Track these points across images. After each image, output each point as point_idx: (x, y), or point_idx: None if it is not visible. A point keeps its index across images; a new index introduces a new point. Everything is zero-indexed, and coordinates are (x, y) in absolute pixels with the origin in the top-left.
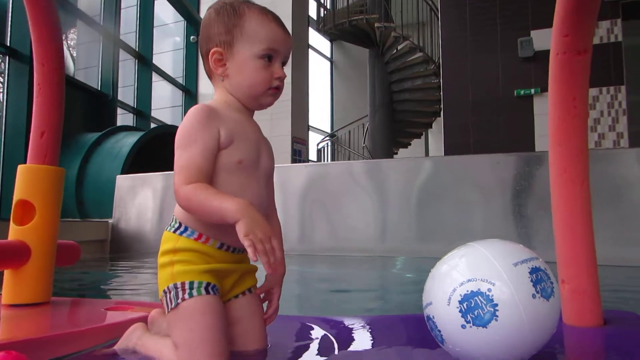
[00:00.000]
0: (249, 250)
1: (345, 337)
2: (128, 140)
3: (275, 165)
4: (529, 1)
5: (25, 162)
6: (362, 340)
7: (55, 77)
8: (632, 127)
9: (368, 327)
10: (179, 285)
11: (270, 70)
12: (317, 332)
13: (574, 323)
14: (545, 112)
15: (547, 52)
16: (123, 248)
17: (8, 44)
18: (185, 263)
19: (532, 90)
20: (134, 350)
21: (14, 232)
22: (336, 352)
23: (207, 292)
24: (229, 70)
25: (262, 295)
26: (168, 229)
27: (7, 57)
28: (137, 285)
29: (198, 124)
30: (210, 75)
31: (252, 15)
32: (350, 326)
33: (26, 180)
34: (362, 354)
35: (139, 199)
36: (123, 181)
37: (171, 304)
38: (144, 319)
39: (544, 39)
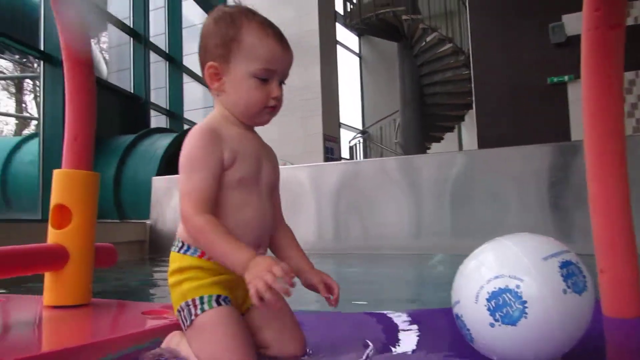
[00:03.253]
0: (253, 300)
1: (389, 332)
2: (162, 142)
3: (311, 164)
4: None
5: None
6: (406, 336)
7: (86, 82)
8: None
9: (410, 321)
10: (190, 303)
11: (267, 89)
12: (359, 329)
13: (613, 314)
14: (581, 99)
15: (579, 37)
16: (161, 248)
17: (42, 49)
18: (192, 280)
19: (566, 78)
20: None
21: (53, 236)
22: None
23: (219, 304)
24: (225, 86)
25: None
26: (173, 249)
27: (42, 62)
28: None
29: (203, 149)
30: (210, 88)
31: (251, 28)
32: (393, 321)
33: (62, 185)
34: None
35: (175, 200)
36: (159, 182)
37: (186, 322)
38: (179, 325)
39: (576, 23)
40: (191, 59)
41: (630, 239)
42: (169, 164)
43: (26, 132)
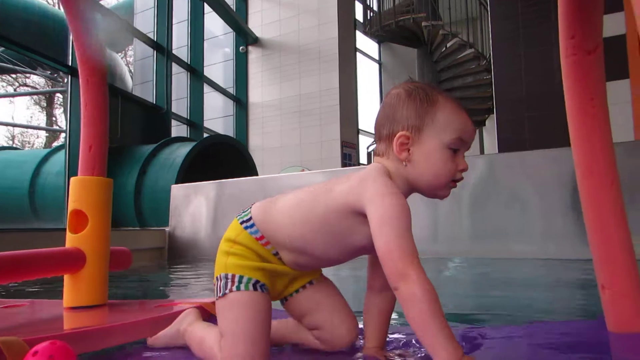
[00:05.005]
0: None
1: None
2: (181, 151)
3: (329, 170)
4: None
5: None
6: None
7: (99, 93)
8: None
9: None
10: (229, 277)
11: (456, 161)
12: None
13: (617, 330)
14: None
15: (606, 39)
16: (180, 254)
17: (70, 64)
18: (239, 257)
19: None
20: (183, 333)
21: (70, 240)
22: None
23: (255, 289)
24: (414, 156)
25: None
26: (238, 218)
27: (70, 77)
28: (193, 289)
29: (408, 208)
30: (382, 154)
31: (446, 104)
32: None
33: (78, 191)
34: None
35: (193, 207)
36: (177, 190)
37: (219, 292)
38: (198, 309)
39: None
40: (211, 70)
41: (629, 252)
42: (188, 172)
43: (55, 144)
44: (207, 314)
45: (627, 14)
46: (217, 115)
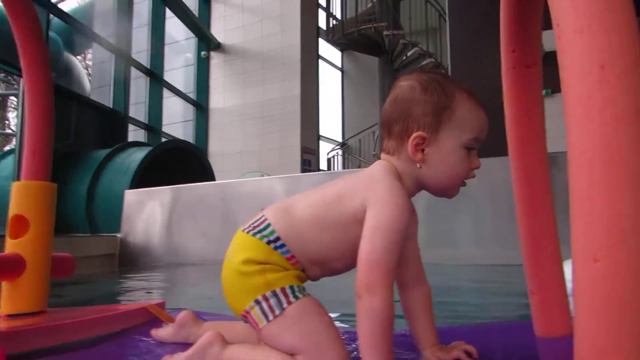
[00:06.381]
0: None
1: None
2: (137, 156)
3: (288, 175)
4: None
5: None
6: None
7: (44, 99)
8: None
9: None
10: (278, 292)
11: (470, 160)
12: None
13: (544, 334)
14: (556, 112)
15: (555, 53)
16: (132, 261)
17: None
18: (277, 270)
19: (543, 92)
20: None
21: (10, 246)
22: None
23: (309, 294)
24: (429, 156)
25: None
26: (258, 237)
27: (21, 80)
28: (139, 295)
29: (406, 222)
30: (392, 152)
31: (463, 99)
32: None
33: (20, 196)
34: None
35: (147, 213)
36: (131, 196)
37: (272, 312)
38: (141, 311)
39: (553, 39)
40: (172, 75)
41: (557, 261)
42: (144, 178)
43: (8, 147)
44: (150, 316)
45: None
46: (177, 120)
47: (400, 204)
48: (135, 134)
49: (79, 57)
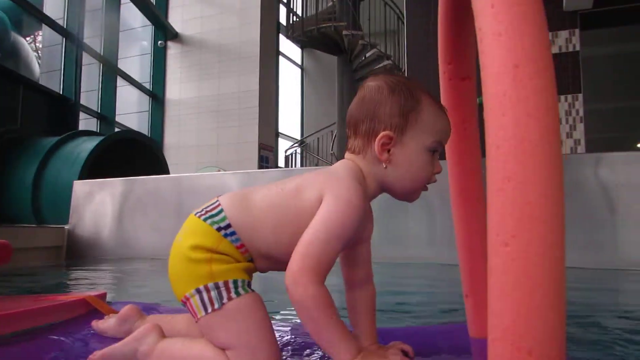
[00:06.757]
0: None
1: None
2: (87, 145)
3: (244, 171)
4: None
5: None
6: None
7: None
8: (588, 134)
9: None
10: (220, 285)
11: (433, 164)
12: None
13: (478, 335)
14: None
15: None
16: (80, 254)
17: None
18: (223, 262)
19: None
20: (147, 354)
21: None
22: None
23: (252, 290)
24: (395, 157)
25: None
26: (209, 222)
27: None
28: (83, 288)
29: (355, 223)
30: (357, 152)
31: (429, 103)
32: None
33: None
34: None
35: (96, 205)
36: (80, 186)
37: (212, 305)
38: (79, 303)
39: None
40: (127, 63)
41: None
42: (95, 169)
43: None
44: (90, 308)
45: None
46: (132, 110)
47: (354, 203)
48: (86, 122)
49: (27, 38)
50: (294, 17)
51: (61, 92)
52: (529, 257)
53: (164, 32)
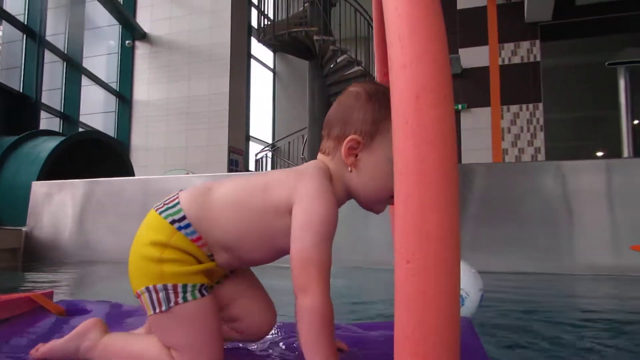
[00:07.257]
0: None
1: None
2: (47, 145)
3: (213, 174)
4: (457, 21)
5: None
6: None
7: None
8: (548, 142)
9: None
10: (169, 288)
11: None
12: None
13: None
14: (471, 127)
15: (473, 69)
16: (38, 257)
17: None
18: (177, 263)
19: (459, 106)
20: (90, 349)
21: None
22: None
23: (202, 295)
24: (361, 162)
25: None
26: (163, 215)
27: None
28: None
29: (336, 217)
30: (327, 153)
31: None
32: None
33: None
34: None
35: (56, 206)
36: (39, 187)
37: (160, 306)
38: (23, 301)
39: (471, 57)
40: (92, 62)
41: None
42: (55, 170)
43: None
44: (35, 305)
45: (490, 48)
46: (97, 110)
47: (329, 199)
48: (49, 122)
49: None
50: (266, 21)
51: (21, 90)
52: (427, 274)
53: (131, 32)
